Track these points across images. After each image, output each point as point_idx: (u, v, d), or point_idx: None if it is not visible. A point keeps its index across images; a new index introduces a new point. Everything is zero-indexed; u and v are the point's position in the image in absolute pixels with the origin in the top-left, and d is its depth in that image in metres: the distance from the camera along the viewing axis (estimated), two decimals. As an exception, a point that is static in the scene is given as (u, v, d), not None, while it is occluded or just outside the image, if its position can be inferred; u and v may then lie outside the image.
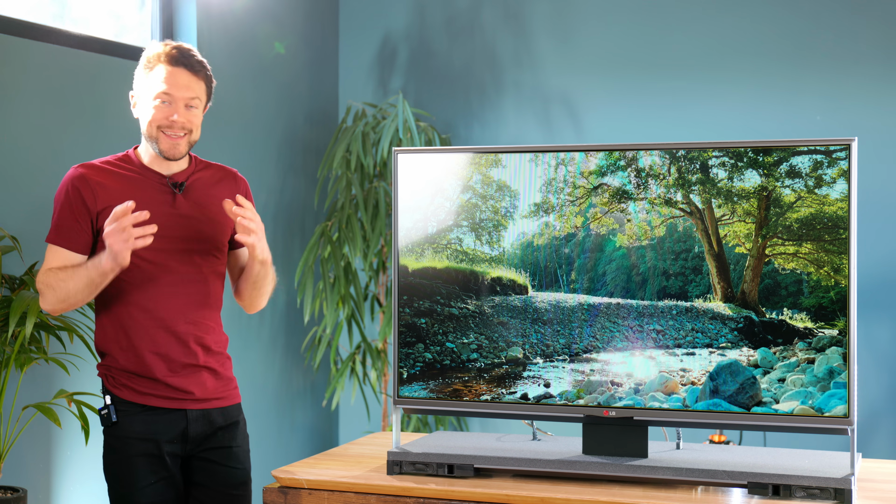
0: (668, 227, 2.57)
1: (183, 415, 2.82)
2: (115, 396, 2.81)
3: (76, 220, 2.77)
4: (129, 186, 2.80)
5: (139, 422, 2.79)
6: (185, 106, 2.80)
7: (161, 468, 2.80)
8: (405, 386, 2.76)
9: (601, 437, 2.62)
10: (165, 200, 2.83)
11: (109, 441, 2.82)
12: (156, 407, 2.80)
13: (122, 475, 2.81)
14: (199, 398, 2.84)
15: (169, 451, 2.81)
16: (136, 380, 2.80)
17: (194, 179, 2.89)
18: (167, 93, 2.78)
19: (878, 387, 4.72)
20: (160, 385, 2.80)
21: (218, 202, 2.87)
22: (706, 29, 5.01)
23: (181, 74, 2.79)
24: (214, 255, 2.89)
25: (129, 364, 2.80)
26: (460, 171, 2.72)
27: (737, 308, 2.54)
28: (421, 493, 2.54)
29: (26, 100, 3.82)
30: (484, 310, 2.72)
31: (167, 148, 2.80)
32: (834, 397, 2.45)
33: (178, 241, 2.82)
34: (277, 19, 5.14)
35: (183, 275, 2.82)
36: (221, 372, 2.90)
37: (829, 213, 2.45)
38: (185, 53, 2.81)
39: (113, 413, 2.79)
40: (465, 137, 5.38)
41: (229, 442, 2.89)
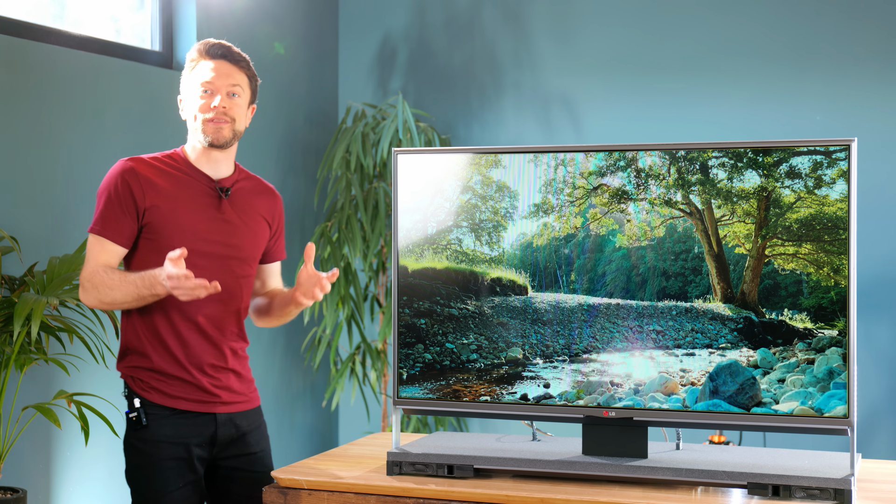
0: (668, 227, 2.57)
1: (212, 418, 2.85)
2: (144, 399, 2.80)
3: (123, 212, 2.77)
4: (176, 186, 2.83)
5: (169, 425, 2.80)
6: (227, 94, 2.84)
7: (189, 472, 2.82)
8: (405, 386, 2.76)
9: (601, 437, 2.62)
10: (211, 204, 2.85)
11: (136, 444, 2.81)
12: (185, 410, 2.82)
13: (151, 479, 2.80)
14: (227, 401, 2.87)
15: (197, 454, 2.83)
16: (168, 382, 2.81)
17: (239, 187, 2.92)
18: (209, 82, 2.83)
19: (877, 387, 4.72)
20: (192, 387, 2.82)
21: (257, 213, 2.93)
22: (706, 30, 5.01)
23: (222, 65, 2.84)
24: (248, 264, 2.92)
25: (162, 363, 2.80)
26: (460, 171, 2.72)
27: (736, 308, 2.54)
28: (421, 494, 2.54)
29: (26, 100, 3.82)
30: (484, 310, 2.72)
31: (211, 132, 2.83)
32: (834, 398, 2.45)
33: (218, 246, 2.84)
34: (277, 20, 5.14)
35: (221, 280, 2.81)
36: (244, 374, 2.95)
37: (829, 213, 2.45)
38: (225, 46, 2.87)
39: (143, 416, 2.79)
40: (465, 138, 5.38)
41: (254, 448, 2.94)
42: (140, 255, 2.81)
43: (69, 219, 3.97)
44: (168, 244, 2.76)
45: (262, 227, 2.95)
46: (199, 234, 2.81)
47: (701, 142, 2.55)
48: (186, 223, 2.80)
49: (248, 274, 2.92)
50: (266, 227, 2.97)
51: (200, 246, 2.80)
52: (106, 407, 3.81)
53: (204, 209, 2.83)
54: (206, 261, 2.81)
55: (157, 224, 2.78)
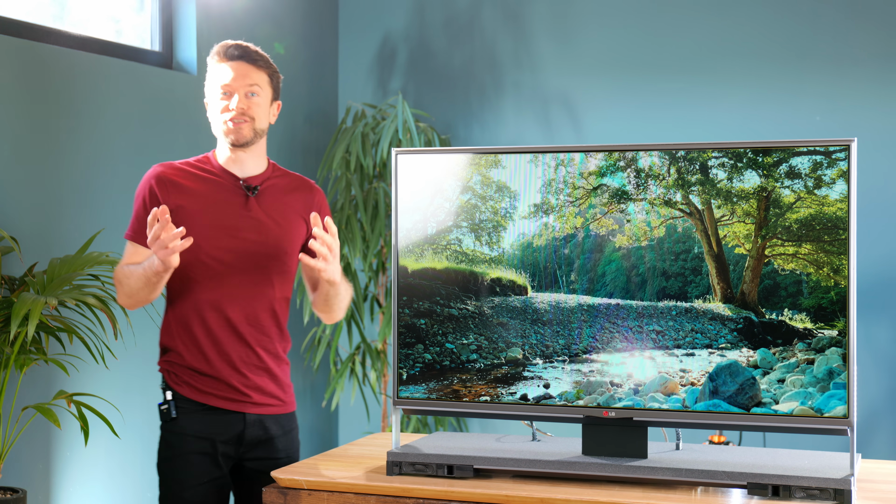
0: (668, 227, 2.57)
1: (241, 417, 2.88)
2: (175, 393, 2.88)
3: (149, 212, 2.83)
4: (204, 186, 2.89)
5: (197, 420, 2.86)
6: (245, 94, 2.87)
7: (214, 468, 2.87)
8: (405, 387, 2.76)
9: (601, 437, 2.62)
10: (238, 202, 2.90)
11: (166, 437, 2.90)
12: (215, 407, 2.87)
13: (175, 472, 2.87)
14: (258, 402, 2.90)
15: (223, 451, 2.87)
16: (199, 378, 2.86)
17: (269, 185, 2.95)
18: (227, 85, 2.87)
19: (877, 387, 4.72)
20: (221, 384, 2.86)
21: (289, 209, 2.95)
22: (706, 30, 5.01)
23: (239, 66, 2.88)
24: (283, 261, 2.93)
25: (193, 361, 2.86)
26: (460, 171, 2.72)
27: (736, 309, 2.54)
28: (420, 494, 2.54)
29: (26, 100, 3.82)
30: (483, 310, 2.72)
31: (231, 133, 2.87)
32: (833, 398, 2.45)
33: (247, 243, 2.88)
34: (277, 20, 5.14)
35: (250, 277, 2.88)
36: (281, 377, 2.96)
37: (829, 213, 2.46)
38: (242, 47, 2.90)
39: (173, 409, 2.86)
40: (465, 138, 5.38)
41: (280, 454, 2.96)
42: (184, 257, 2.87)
43: (69, 219, 3.97)
44: (197, 243, 2.82)
45: (296, 223, 2.96)
46: (225, 230, 2.86)
47: (701, 142, 2.55)
48: (212, 221, 2.86)
49: (282, 270, 2.93)
50: (301, 223, 2.97)
51: (227, 242, 2.86)
52: (106, 407, 3.81)
53: (230, 207, 2.88)
54: (234, 257, 2.86)
55: (185, 224, 2.83)
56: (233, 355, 2.86)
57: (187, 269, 2.84)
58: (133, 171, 4.25)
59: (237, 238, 2.86)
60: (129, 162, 4.23)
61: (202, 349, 2.85)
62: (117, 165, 4.18)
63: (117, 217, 4.15)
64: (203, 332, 2.85)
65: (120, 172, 4.18)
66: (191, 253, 2.81)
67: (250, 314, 2.88)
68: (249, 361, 2.89)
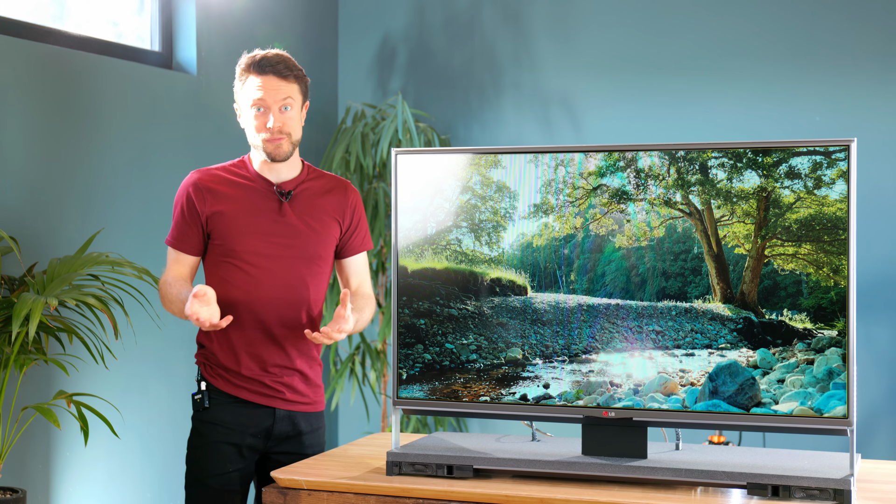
0: (668, 227, 2.57)
1: (271, 412, 2.95)
2: (210, 384, 2.96)
3: (190, 223, 2.94)
4: (239, 192, 2.95)
5: (229, 412, 2.94)
6: (279, 109, 2.91)
7: (239, 458, 2.94)
8: (404, 387, 2.76)
9: (600, 437, 2.62)
10: (272, 207, 2.95)
11: (197, 426, 2.98)
12: (247, 400, 2.94)
13: (201, 458, 2.95)
14: (289, 399, 2.97)
15: (250, 443, 2.95)
16: (232, 374, 2.94)
17: (303, 188, 3.00)
18: (261, 100, 2.90)
19: (877, 387, 4.72)
20: (253, 382, 2.93)
21: (323, 212, 3.00)
22: (705, 30, 5.01)
23: (270, 80, 2.90)
24: (317, 264, 2.99)
25: (225, 360, 2.94)
26: (459, 171, 2.72)
27: (736, 309, 2.54)
28: (420, 494, 2.54)
29: (25, 100, 3.82)
30: (483, 311, 2.71)
31: (271, 151, 2.93)
32: (833, 398, 2.45)
33: (282, 248, 2.94)
34: (277, 20, 5.14)
35: (285, 280, 2.94)
36: (312, 377, 3.02)
37: (829, 213, 2.45)
38: (272, 60, 2.91)
39: (206, 399, 2.95)
40: (465, 138, 5.38)
41: (308, 450, 3.01)
42: (211, 260, 2.96)
43: (69, 219, 3.97)
44: (232, 248, 2.92)
45: (330, 226, 3.00)
46: (260, 235, 2.92)
47: (700, 142, 2.55)
48: (248, 226, 2.92)
49: (316, 272, 2.98)
50: (335, 226, 3.02)
51: (262, 248, 2.92)
52: (105, 407, 3.81)
53: (264, 212, 2.94)
54: (269, 261, 2.93)
55: (221, 229, 2.92)
56: (265, 358, 2.93)
57: (223, 273, 2.92)
58: (133, 170, 4.25)
59: (272, 243, 2.93)
60: (129, 162, 4.23)
61: (235, 351, 2.93)
62: (117, 165, 4.17)
63: (117, 217, 4.15)
64: (237, 333, 2.92)
65: (120, 172, 4.18)
66: (227, 258, 2.92)
67: (285, 317, 2.94)
68: (282, 364, 2.95)
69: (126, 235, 4.16)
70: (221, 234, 2.92)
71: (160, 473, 4.35)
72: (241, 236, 2.91)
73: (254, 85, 2.90)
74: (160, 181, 4.36)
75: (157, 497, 4.35)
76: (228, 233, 2.91)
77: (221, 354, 2.94)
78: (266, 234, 2.92)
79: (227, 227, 2.91)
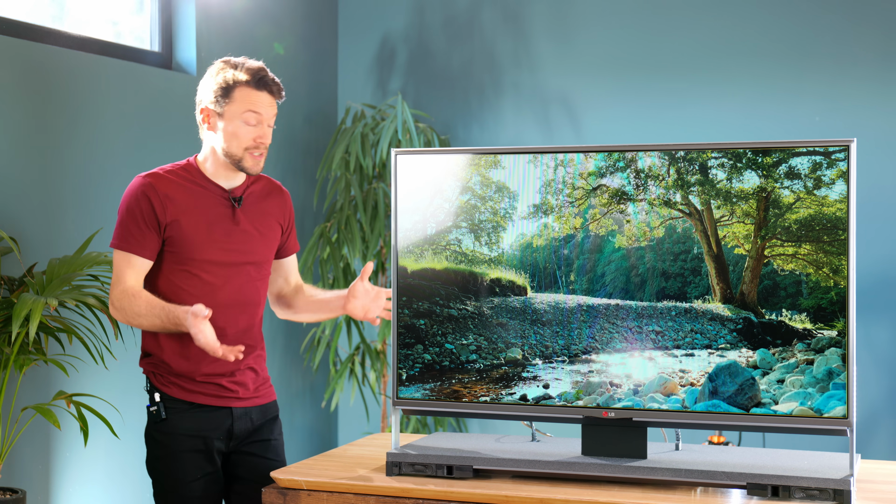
0: (667, 228, 2.57)
1: (228, 412, 2.93)
2: (163, 394, 2.90)
3: (147, 228, 2.86)
4: (193, 199, 2.90)
5: (188, 419, 2.89)
6: (267, 125, 2.91)
7: (207, 463, 2.90)
8: (404, 387, 2.75)
9: (600, 438, 2.62)
10: (226, 214, 2.93)
11: (157, 437, 2.91)
12: (203, 404, 2.90)
13: (170, 470, 2.90)
14: (243, 397, 2.95)
15: (216, 447, 2.92)
16: (187, 381, 2.90)
17: (249, 193, 2.99)
18: (258, 114, 2.87)
19: (877, 388, 4.72)
20: (209, 386, 2.90)
21: (268, 216, 3.00)
22: (705, 30, 5.01)
23: (266, 97, 2.89)
24: (265, 268, 3.01)
25: (179, 367, 2.89)
26: (459, 172, 2.72)
27: (736, 309, 2.54)
28: (420, 495, 2.54)
29: (25, 100, 3.82)
30: (483, 311, 2.71)
31: (251, 166, 2.90)
32: (833, 398, 2.45)
33: (237, 255, 2.93)
34: (276, 20, 5.14)
35: (239, 286, 2.93)
36: (260, 372, 3.02)
37: (828, 214, 2.45)
38: (269, 80, 2.90)
39: (163, 410, 2.89)
40: (464, 138, 5.38)
41: (267, 435, 3.01)
42: (164, 267, 2.89)
43: (69, 219, 3.97)
44: (189, 256, 2.87)
45: (275, 229, 3.03)
46: (216, 244, 2.89)
47: (700, 142, 2.55)
48: (204, 235, 2.88)
49: (263, 276, 3.01)
50: (278, 229, 3.04)
51: (219, 256, 2.89)
52: (105, 407, 3.81)
53: (220, 220, 2.91)
54: (224, 269, 2.91)
55: (178, 237, 2.86)
56: (224, 364, 2.90)
57: (178, 281, 2.88)
58: (132, 171, 4.24)
59: (227, 250, 2.90)
60: (129, 162, 4.23)
61: (190, 357, 2.87)
62: (116, 166, 4.17)
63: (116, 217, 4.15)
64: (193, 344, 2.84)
65: (119, 173, 4.18)
66: (183, 265, 2.87)
67: (239, 322, 2.93)
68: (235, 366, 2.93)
69: (126, 236, 4.15)
70: (178, 242, 2.86)
71: (160, 474, 4.35)
72: (199, 245, 2.87)
73: (249, 98, 2.87)
74: (160, 181, 4.36)
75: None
76: (187, 242, 2.86)
77: (174, 361, 2.88)
78: (222, 242, 2.90)
79: (185, 235, 2.86)
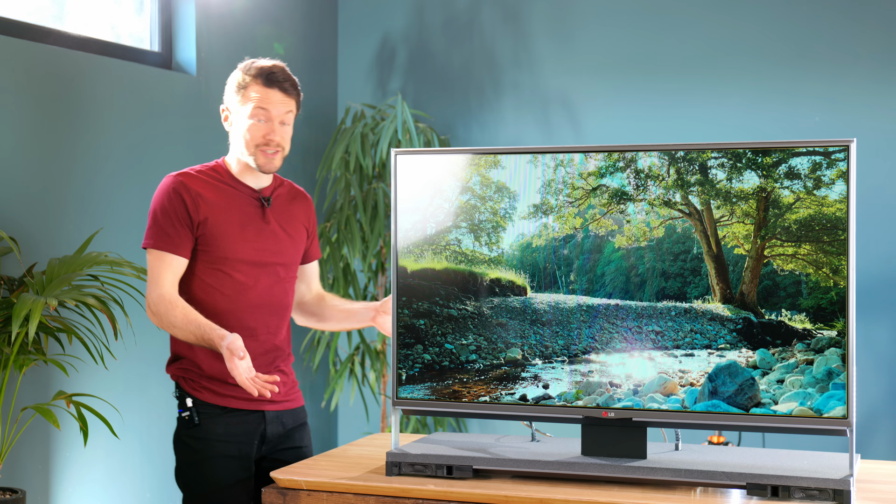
0: (667, 228, 2.57)
1: (261, 416, 2.93)
2: (195, 399, 2.89)
3: (181, 226, 2.86)
4: (224, 199, 2.91)
5: (221, 424, 2.89)
6: (279, 123, 2.90)
7: (240, 469, 2.90)
8: (404, 387, 2.75)
9: (600, 438, 2.62)
10: (257, 214, 2.95)
11: (189, 443, 2.90)
12: (236, 409, 2.90)
13: (204, 476, 2.88)
14: (275, 400, 2.95)
15: (248, 452, 2.91)
16: (219, 384, 2.89)
17: (277, 195, 3.01)
18: (264, 110, 2.88)
19: (876, 388, 4.72)
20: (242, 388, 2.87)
21: (295, 219, 3.03)
22: (705, 30, 5.01)
23: (275, 94, 2.89)
24: (291, 269, 3.02)
25: (214, 370, 2.88)
26: (459, 172, 2.72)
27: (735, 309, 2.54)
28: (420, 495, 2.54)
29: (25, 101, 3.82)
30: (483, 311, 2.71)
31: (263, 163, 2.91)
32: (833, 398, 2.45)
33: (267, 254, 2.94)
34: (276, 21, 5.14)
35: (269, 286, 2.94)
36: (290, 374, 3.04)
37: (828, 214, 2.45)
38: (280, 77, 2.91)
39: (196, 415, 2.88)
40: (464, 139, 5.38)
41: (298, 442, 3.02)
42: (197, 267, 2.90)
43: (68, 219, 3.97)
44: (221, 255, 2.88)
45: (301, 232, 3.05)
46: (248, 243, 2.91)
47: (700, 142, 2.55)
48: (236, 234, 2.90)
49: (291, 278, 3.03)
50: (304, 232, 3.06)
51: (250, 255, 2.91)
52: (105, 408, 3.81)
53: (250, 220, 2.93)
54: (256, 269, 2.92)
55: (210, 236, 2.87)
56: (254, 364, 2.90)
57: (211, 281, 2.89)
58: (132, 171, 4.25)
59: (259, 249, 2.92)
60: (128, 162, 4.23)
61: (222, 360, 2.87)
62: (116, 165, 4.17)
63: (116, 217, 4.15)
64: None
65: (119, 172, 4.18)
66: (216, 265, 2.88)
67: (270, 324, 2.95)
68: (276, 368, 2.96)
69: (125, 235, 4.16)
70: (211, 240, 2.87)
71: (159, 474, 4.35)
72: (232, 243, 2.88)
73: (258, 95, 2.88)
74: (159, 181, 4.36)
75: (157, 497, 4.35)
76: (219, 240, 2.87)
77: (207, 363, 2.88)
78: (253, 241, 2.91)
79: (217, 234, 2.87)
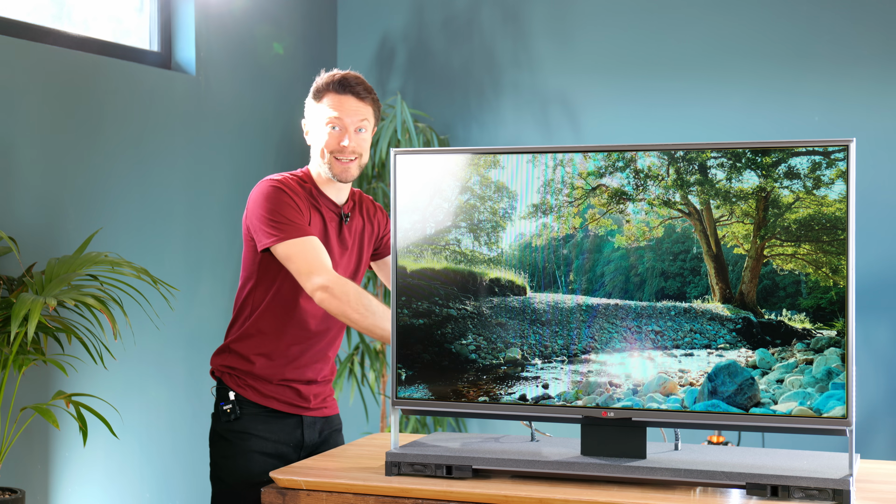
0: (667, 228, 2.57)
1: (299, 420, 2.99)
2: (238, 395, 2.94)
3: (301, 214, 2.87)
4: (313, 209, 2.95)
5: (261, 421, 2.95)
6: (355, 130, 2.92)
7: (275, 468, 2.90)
8: (403, 387, 2.75)
9: (599, 437, 2.62)
10: (336, 229, 3.00)
11: (227, 437, 2.95)
12: (276, 410, 2.95)
13: (240, 470, 2.93)
14: (314, 406, 3.01)
15: (284, 452, 2.96)
16: (263, 383, 2.94)
17: (354, 210, 3.06)
18: (338, 118, 2.90)
19: (876, 388, 4.72)
20: (286, 390, 2.94)
21: (365, 238, 3.08)
22: (704, 30, 5.01)
23: (349, 101, 2.91)
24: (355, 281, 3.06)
25: (264, 370, 2.93)
26: (459, 172, 2.72)
27: (735, 309, 2.54)
28: (419, 495, 2.54)
29: (25, 100, 3.82)
30: (482, 311, 2.71)
31: (339, 172, 2.94)
32: (832, 398, 2.45)
33: (340, 269, 2.99)
34: (276, 20, 5.14)
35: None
36: (330, 380, 3.11)
37: (828, 213, 2.45)
38: (352, 81, 2.92)
39: (237, 409, 2.93)
40: (464, 138, 5.38)
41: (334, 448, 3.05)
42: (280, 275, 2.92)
43: (67, 219, 3.96)
44: None
45: (368, 250, 3.11)
46: (331, 255, 2.96)
47: (699, 142, 2.55)
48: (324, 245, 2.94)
49: None
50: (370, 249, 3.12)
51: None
52: (104, 407, 3.81)
53: (332, 233, 2.98)
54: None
55: None
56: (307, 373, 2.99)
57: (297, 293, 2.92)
58: (131, 170, 4.25)
59: (336, 263, 2.97)
60: (128, 162, 4.23)
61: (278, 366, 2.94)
62: (115, 165, 4.17)
63: (115, 217, 4.15)
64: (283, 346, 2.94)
65: (118, 172, 4.18)
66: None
67: (333, 337, 3.03)
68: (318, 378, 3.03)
69: (125, 235, 4.16)
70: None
71: (159, 474, 4.35)
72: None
73: (332, 102, 2.90)
74: (159, 181, 4.36)
75: (156, 497, 4.35)
76: None
77: (259, 362, 2.94)
78: (335, 255, 2.97)
79: None
